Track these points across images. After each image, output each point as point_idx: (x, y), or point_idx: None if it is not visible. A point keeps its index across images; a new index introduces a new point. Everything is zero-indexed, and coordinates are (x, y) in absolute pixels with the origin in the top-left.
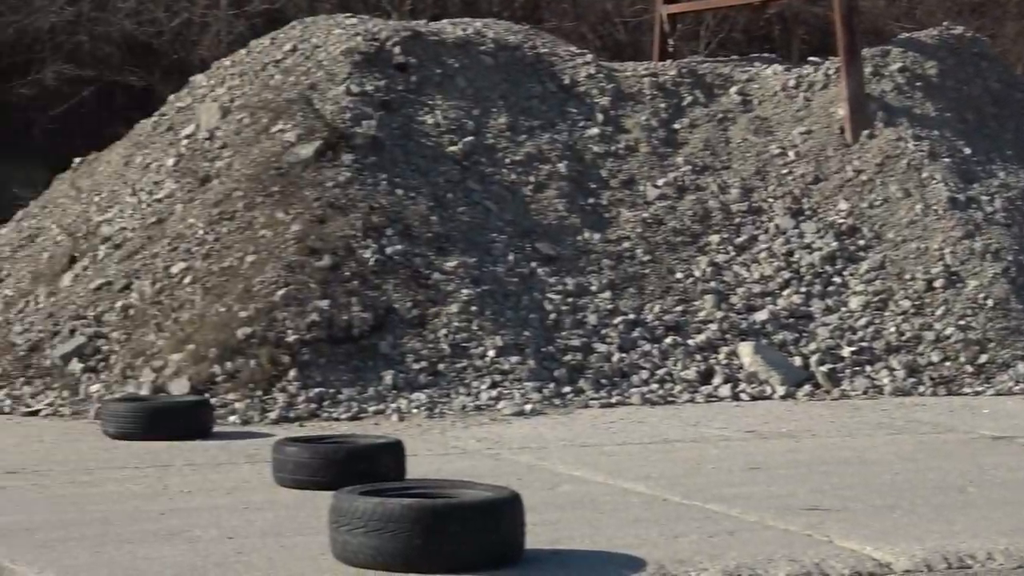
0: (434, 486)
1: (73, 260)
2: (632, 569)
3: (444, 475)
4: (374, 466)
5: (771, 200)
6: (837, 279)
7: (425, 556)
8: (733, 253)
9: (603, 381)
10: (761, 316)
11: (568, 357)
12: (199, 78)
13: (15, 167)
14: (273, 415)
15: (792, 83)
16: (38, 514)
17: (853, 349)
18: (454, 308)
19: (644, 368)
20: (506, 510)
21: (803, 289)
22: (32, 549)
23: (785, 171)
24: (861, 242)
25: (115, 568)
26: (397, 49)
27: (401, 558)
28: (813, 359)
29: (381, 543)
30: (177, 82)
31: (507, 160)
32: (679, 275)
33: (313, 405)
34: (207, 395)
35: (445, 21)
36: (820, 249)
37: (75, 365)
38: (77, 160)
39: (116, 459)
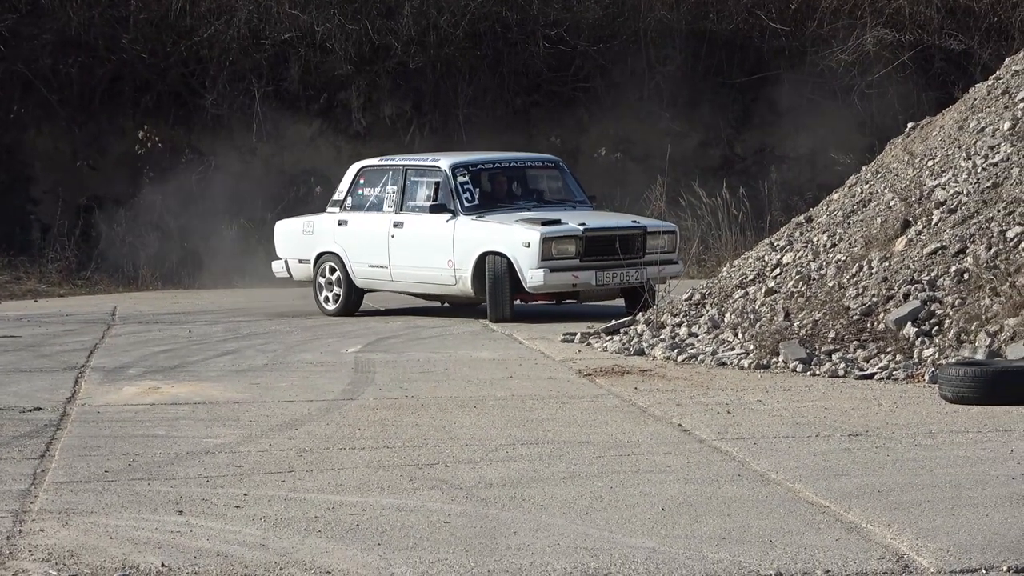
0: None
1: (907, 225)
2: None
3: None
4: None
5: None
6: None
7: None
8: None
9: None
10: None
11: None
12: None
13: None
14: None
15: None
16: (887, 476)
17: None
18: None
19: None
20: None
21: None
22: (887, 511)
23: None
24: None
25: (973, 531)
26: None
27: None
28: None
29: None
30: (995, 45)
31: None
32: None
33: None
34: None
35: None
36: None
37: (909, 329)
38: (910, 125)
39: (957, 423)
